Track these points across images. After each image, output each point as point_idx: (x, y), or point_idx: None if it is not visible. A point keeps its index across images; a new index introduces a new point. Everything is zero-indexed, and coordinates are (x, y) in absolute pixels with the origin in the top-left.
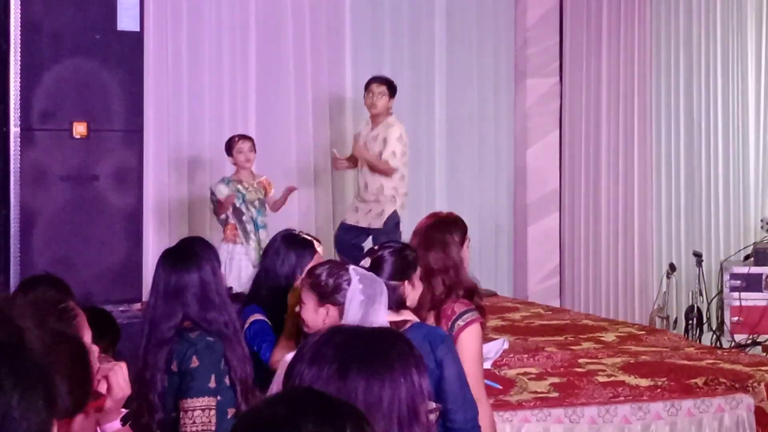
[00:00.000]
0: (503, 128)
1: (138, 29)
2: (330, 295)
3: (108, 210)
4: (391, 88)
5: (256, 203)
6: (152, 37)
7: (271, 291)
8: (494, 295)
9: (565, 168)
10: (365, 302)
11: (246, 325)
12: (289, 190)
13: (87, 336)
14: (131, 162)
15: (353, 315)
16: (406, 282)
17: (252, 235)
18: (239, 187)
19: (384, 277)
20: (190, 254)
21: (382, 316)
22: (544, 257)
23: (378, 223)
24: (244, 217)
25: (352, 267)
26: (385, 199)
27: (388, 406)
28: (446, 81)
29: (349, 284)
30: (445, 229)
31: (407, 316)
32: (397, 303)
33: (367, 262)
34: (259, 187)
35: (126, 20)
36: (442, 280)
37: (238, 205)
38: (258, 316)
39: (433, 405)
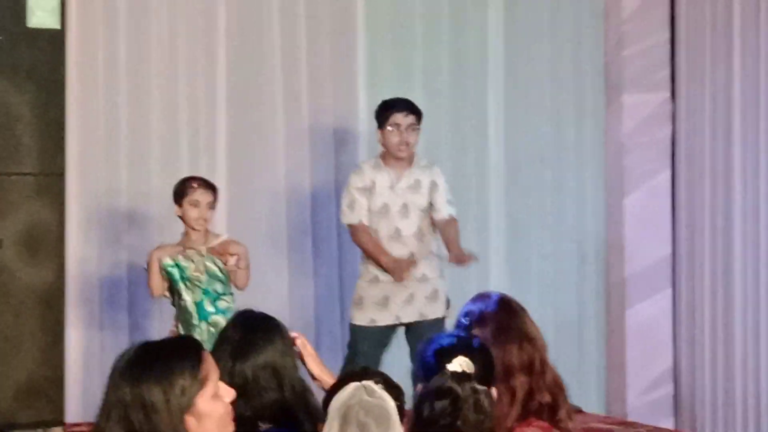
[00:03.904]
0: (588, 168)
1: (58, 26)
2: None
3: (15, 290)
4: (420, 117)
5: (203, 280)
6: (76, 38)
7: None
8: (579, 412)
9: (680, 225)
10: None
11: None
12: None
13: None
14: (48, 220)
15: None
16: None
17: (195, 329)
18: (179, 258)
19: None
20: (153, 361)
21: None
22: (650, 356)
23: (440, 311)
24: (182, 302)
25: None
26: (434, 272)
27: None
28: (504, 102)
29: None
30: (518, 313)
31: None
32: None
33: (464, 363)
34: (211, 255)
35: (40, 14)
36: (528, 380)
37: (173, 283)
38: None
39: None
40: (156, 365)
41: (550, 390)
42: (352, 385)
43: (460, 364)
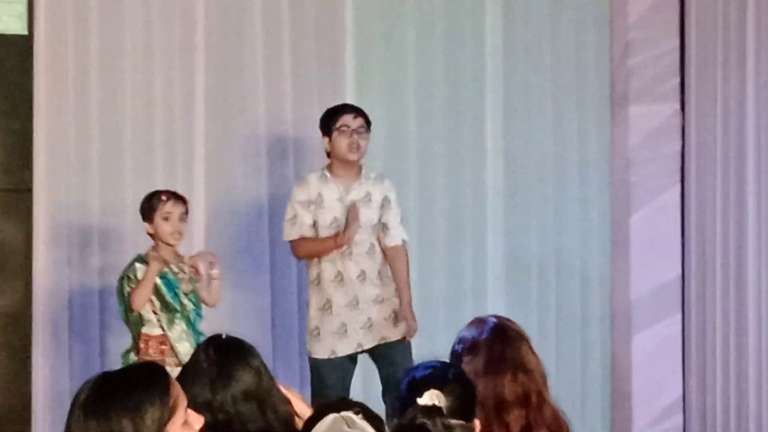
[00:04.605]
0: (592, 185)
1: (25, 32)
2: None
3: None
4: (369, 124)
5: (192, 297)
6: (45, 44)
7: None
8: None
9: (691, 244)
10: None
11: None
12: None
13: None
14: (13, 238)
15: None
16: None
17: (190, 347)
18: (167, 270)
19: (447, 414)
20: (120, 392)
21: None
22: (658, 385)
23: (397, 333)
24: (177, 319)
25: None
26: (389, 291)
27: None
28: (502, 115)
29: None
30: (514, 341)
31: None
32: None
33: (435, 396)
34: (191, 272)
35: (6, 19)
36: (524, 414)
37: (169, 299)
38: None
39: None
40: (123, 396)
41: (549, 426)
42: (331, 417)
43: (431, 397)
